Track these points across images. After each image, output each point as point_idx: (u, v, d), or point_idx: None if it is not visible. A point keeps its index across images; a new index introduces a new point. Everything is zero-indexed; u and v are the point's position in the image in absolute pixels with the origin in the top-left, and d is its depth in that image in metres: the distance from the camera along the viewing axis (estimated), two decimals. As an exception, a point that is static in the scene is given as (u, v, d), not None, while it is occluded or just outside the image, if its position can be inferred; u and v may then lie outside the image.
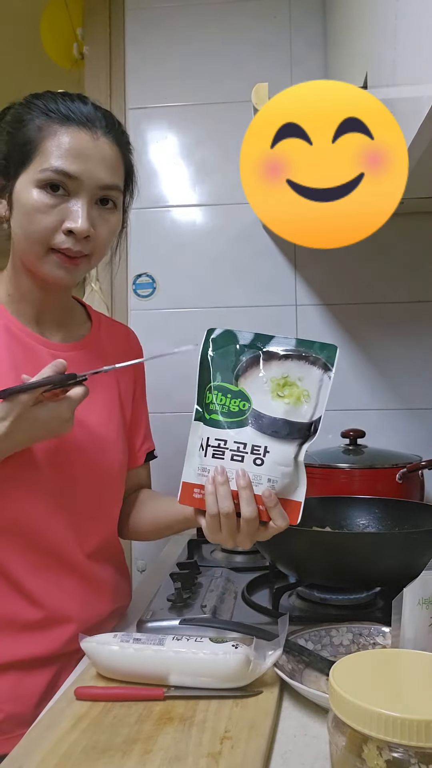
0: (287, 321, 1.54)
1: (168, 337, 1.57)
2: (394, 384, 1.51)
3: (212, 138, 1.58)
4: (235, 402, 0.72)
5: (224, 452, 0.71)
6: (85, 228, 0.78)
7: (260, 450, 0.70)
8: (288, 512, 0.72)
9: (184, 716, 0.64)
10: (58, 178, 0.77)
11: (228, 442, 0.71)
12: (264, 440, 0.70)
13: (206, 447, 0.72)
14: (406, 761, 0.41)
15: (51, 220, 0.78)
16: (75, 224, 0.78)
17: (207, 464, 0.72)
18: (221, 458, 0.71)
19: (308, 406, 0.71)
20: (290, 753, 0.58)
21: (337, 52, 1.37)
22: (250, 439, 0.70)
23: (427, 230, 1.50)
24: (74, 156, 0.78)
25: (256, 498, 0.70)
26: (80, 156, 0.78)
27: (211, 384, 0.73)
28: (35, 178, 0.78)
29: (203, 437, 0.72)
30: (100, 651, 0.70)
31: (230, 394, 0.72)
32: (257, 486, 0.70)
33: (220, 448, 0.71)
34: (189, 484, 0.73)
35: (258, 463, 0.70)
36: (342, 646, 0.76)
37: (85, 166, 0.78)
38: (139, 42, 1.62)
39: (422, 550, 0.82)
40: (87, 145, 0.79)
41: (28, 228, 0.79)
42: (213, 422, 0.72)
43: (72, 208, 0.78)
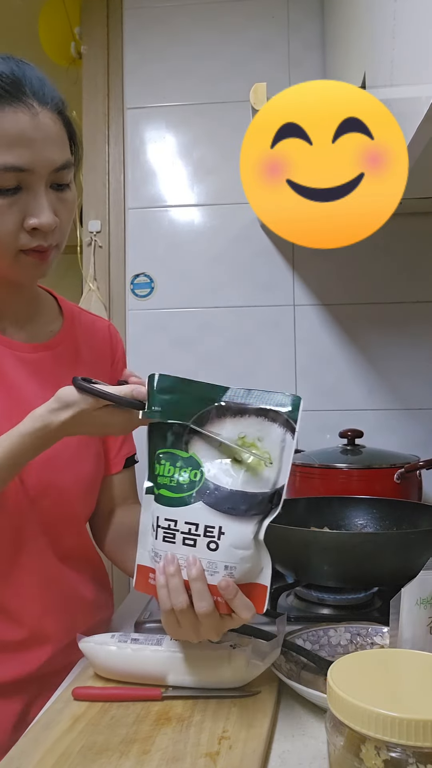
0: (285, 321, 1.54)
1: (166, 338, 1.57)
2: (393, 384, 1.51)
3: (210, 138, 1.58)
4: (184, 472, 0.60)
5: (175, 535, 0.59)
6: (52, 221, 0.69)
7: (214, 532, 0.59)
8: (253, 599, 0.60)
9: (182, 716, 0.64)
10: (6, 176, 0.66)
11: (178, 523, 0.59)
12: (218, 519, 0.59)
13: (156, 527, 0.61)
14: (404, 761, 0.41)
15: (11, 221, 0.68)
16: (39, 219, 0.69)
17: (158, 548, 0.61)
18: (172, 542, 0.60)
19: (270, 472, 0.60)
20: (288, 753, 0.58)
21: (336, 52, 1.37)
22: (202, 519, 0.59)
23: (425, 230, 1.50)
24: (18, 144, 0.66)
25: (212, 589, 0.59)
26: (26, 142, 0.66)
27: (160, 451, 0.62)
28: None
29: (155, 515, 0.61)
30: (98, 651, 0.70)
31: (180, 462, 0.60)
32: (213, 575, 0.59)
33: (170, 530, 0.60)
34: (144, 567, 0.63)
35: (212, 547, 0.59)
36: (340, 646, 0.76)
37: (33, 154, 0.67)
38: (137, 41, 1.61)
39: (420, 550, 0.82)
40: (27, 127, 0.66)
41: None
42: (162, 498, 0.60)
43: (31, 203, 0.69)
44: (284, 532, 0.90)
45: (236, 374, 1.54)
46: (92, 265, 1.60)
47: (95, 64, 1.63)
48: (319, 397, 1.53)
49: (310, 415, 1.52)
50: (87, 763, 0.56)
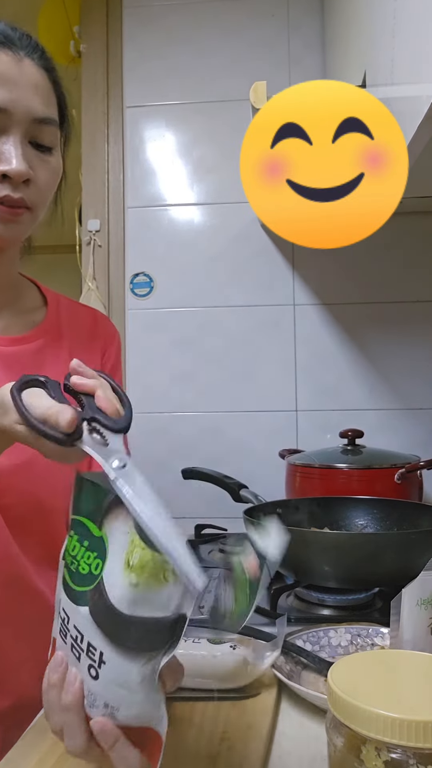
0: (285, 320, 1.54)
1: (166, 337, 1.57)
2: (393, 384, 1.51)
3: (210, 136, 1.58)
4: (89, 559, 0.42)
5: (66, 635, 0.44)
6: (23, 168, 0.64)
7: (95, 655, 0.42)
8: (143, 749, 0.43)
9: (181, 717, 0.63)
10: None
11: (70, 622, 0.44)
12: (101, 641, 0.42)
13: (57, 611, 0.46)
14: (405, 762, 0.41)
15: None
16: (9, 166, 0.63)
17: (58, 638, 0.46)
18: (65, 641, 0.44)
19: (171, 590, 0.41)
20: (288, 754, 0.58)
21: (336, 50, 1.37)
22: (86, 632, 0.42)
23: (425, 229, 1.50)
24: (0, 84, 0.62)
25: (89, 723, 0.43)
26: (4, 82, 0.63)
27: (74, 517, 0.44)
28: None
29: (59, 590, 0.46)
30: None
31: (88, 543, 0.43)
32: (91, 708, 0.43)
33: (65, 626, 0.44)
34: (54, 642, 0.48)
35: (93, 674, 0.42)
36: (340, 647, 0.76)
37: (11, 95, 0.63)
38: (136, 40, 1.61)
39: (421, 551, 0.82)
40: (11, 68, 0.63)
41: None
42: (64, 581, 0.45)
43: (2, 148, 0.64)
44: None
45: (236, 374, 1.54)
46: (91, 264, 1.60)
47: (95, 62, 1.63)
48: (319, 396, 1.53)
49: (311, 414, 1.52)
50: (86, 765, 0.56)
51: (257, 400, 1.52)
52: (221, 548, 1.23)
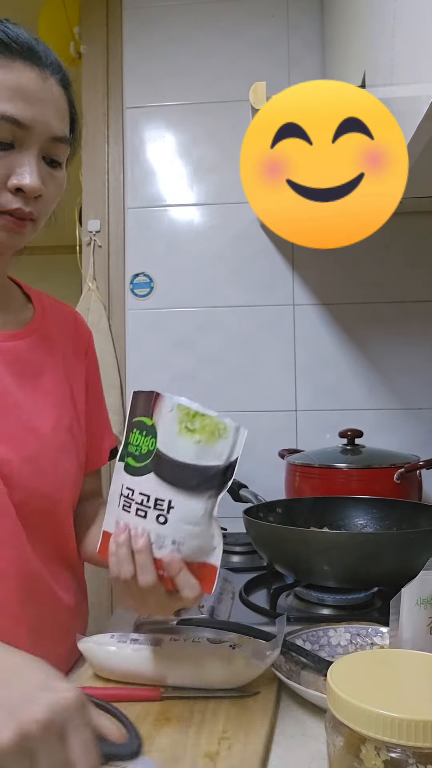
0: (285, 321, 1.54)
1: (166, 338, 1.57)
2: (393, 384, 1.51)
3: (210, 137, 1.58)
4: (147, 441, 0.58)
5: (131, 504, 0.59)
6: (38, 185, 0.66)
7: (163, 505, 0.57)
8: (201, 578, 0.58)
9: (181, 717, 0.63)
10: (5, 127, 0.64)
11: (134, 493, 0.58)
12: (168, 492, 0.57)
13: (119, 495, 0.60)
14: (404, 761, 0.41)
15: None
16: (25, 181, 0.65)
17: (119, 517, 0.60)
18: (128, 511, 0.59)
19: (224, 444, 0.56)
20: (288, 753, 0.58)
21: (335, 51, 1.37)
22: (153, 491, 0.57)
23: (424, 229, 1.50)
24: (23, 99, 0.64)
25: (158, 563, 0.57)
26: (30, 99, 0.65)
27: (134, 419, 0.60)
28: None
29: (120, 483, 0.61)
30: (97, 651, 0.70)
31: (145, 431, 0.59)
32: (160, 549, 0.57)
33: (128, 499, 0.59)
34: (107, 534, 0.62)
35: (161, 521, 0.57)
36: (340, 646, 0.76)
37: (36, 113, 0.65)
38: (136, 41, 1.61)
39: (420, 550, 0.82)
40: (37, 86, 0.65)
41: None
42: (127, 466, 0.60)
43: (20, 161, 0.66)
44: (284, 532, 0.90)
45: (236, 374, 1.54)
46: (91, 264, 1.60)
47: (95, 63, 1.63)
48: (319, 396, 1.53)
49: (310, 414, 1.53)
50: (86, 764, 0.56)
51: (257, 400, 1.53)
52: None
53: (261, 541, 0.94)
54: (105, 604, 1.54)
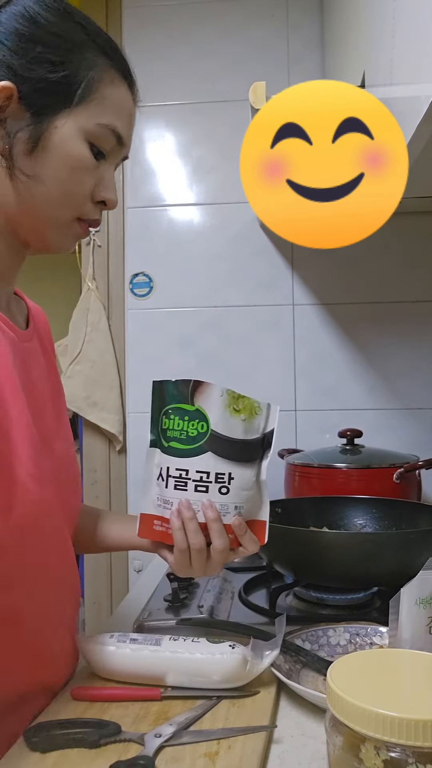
0: (284, 320, 1.54)
1: (165, 337, 1.57)
2: (392, 384, 1.51)
3: (209, 137, 1.58)
4: (193, 425, 0.66)
5: (186, 483, 0.67)
6: (117, 200, 0.70)
7: (224, 478, 0.67)
8: (255, 533, 0.70)
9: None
10: (110, 140, 0.66)
11: (190, 472, 0.67)
12: (226, 466, 0.67)
13: (166, 477, 0.68)
14: (404, 761, 0.41)
15: (90, 184, 0.66)
16: (111, 195, 0.68)
17: (169, 496, 0.68)
18: (184, 489, 0.67)
19: (260, 419, 0.69)
20: (287, 753, 0.58)
21: (335, 51, 1.37)
22: (212, 467, 0.67)
23: (424, 229, 1.50)
24: (127, 118, 0.68)
25: (227, 528, 0.68)
26: (129, 121, 0.69)
27: (168, 407, 0.68)
28: (87, 128, 0.64)
29: (161, 466, 0.68)
30: (96, 651, 0.70)
31: (188, 416, 0.67)
32: (224, 516, 0.67)
33: (182, 479, 0.67)
34: (149, 515, 0.70)
35: (223, 491, 0.67)
36: (339, 646, 0.76)
37: (129, 134, 0.70)
38: (135, 40, 1.61)
39: (419, 550, 0.82)
40: (132, 110, 0.70)
41: (69, 187, 0.64)
42: (172, 450, 0.67)
43: (107, 175, 0.68)
44: (284, 532, 0.90)
45: (235, 373, 1.54)
46: (91, 264, 1.60)
47: (94, 63, 1.63)
48: (319, 396, 1.53)
49: (309, 414, 1.53)
50: (86, 763, 0.56)
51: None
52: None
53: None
54: (105, 605, 1.54)
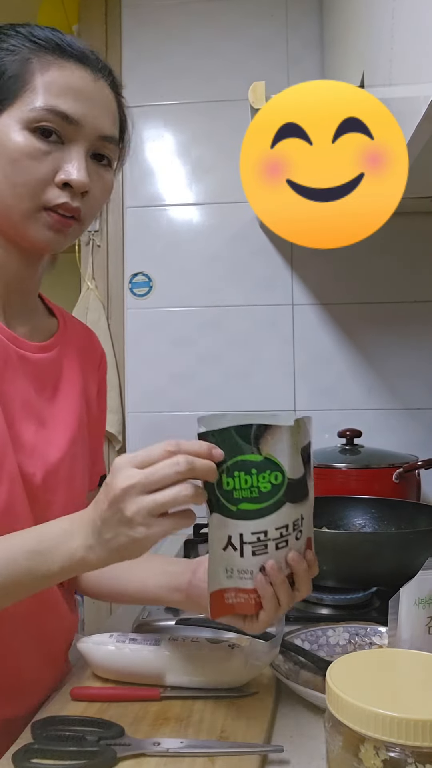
0: (284, 320, 1.54)
1: (164, 337, 1.57)
2: (391, 384, 1.51)
3: (209, 136, 1.58)
4: (264, 478, 0.55)
5: (267, 545, 0.56)
6: (85, 180, 0.66)
7: (299, 522, 0.58)
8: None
9: (180, 716, 0.64)
10: (54, 120, 0.64)
11: (269, 533, 0.56)
12: (299, 509, 0.57)
13: (240, 545, 0.56)
14: (403, 761, 0.41)
15: (43, 170, 0.65)
16: (72, 175, 0.65)
17: (246, 566, 0.57)
18: (264, 553, 0.56)
19: (303, 436, 0.59)
20: (286, 753, 0.58)
21: (334, 50, 1.37)
22: (290, 518, 0.57)
23: (423, 230, 1.50)
24: (74, 95, 0.65)
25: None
26: (80, 96, 0.66)
27: (227, 464, 0.55)
28: (23, 117, 0.64)
29: (230, 534, 0.56)
30: (96, 651, 0.70)
31: (255, 469, 0.55)
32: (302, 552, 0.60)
33: (260, 542, 0.56)
34: (220, 592, 0.58)
35: (298, 536, 0.58)
36: (338, 646, 0.76)
37: (85, 110, 0.66)
38: (135, 40, 1.61)
39: (419, 550, 0.82)
40: (88, 84, 0.67)
41: (15, 178, 0.64)
42: (243, 513, 0.55)
43: (68, 157, 0.66)
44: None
45: (234, 373, 1.54)
46: (90, 264, 1.60)
47: (93, 62, 1.63)
48: (318, 396, 1.53)
49: (309, 414, 1.52)
50: (85, 764, 0.56)
51: (256, 399, 1.52)
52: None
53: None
54: (104, 605, 1.54)
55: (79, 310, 1.58)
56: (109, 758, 0.56)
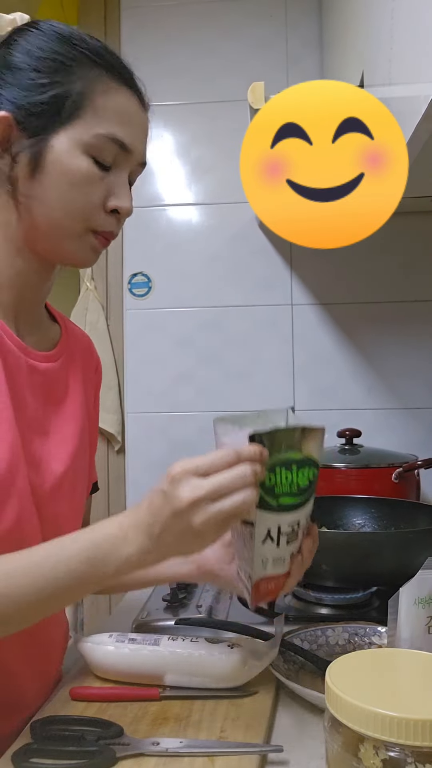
0: (283, 320, 1.54)
1: (164, 337, 1.57)
2: (391, 383, 1.51)
3: (208, 137, 1.58)
4: (303, 474, 0.59)
5: (298, 534, 0.61)
6: (131, 207, 0.69)
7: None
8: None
9: (179, 716, 0.63)
10: (113, 148, 0.66)
11: (301, 523, 0.61)
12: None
13: (277, 536, 0.60)
14: (403, 760, 0.41)
15: (98, 196, 0.67)
16: (124, 203, 0.68)
17: (281, 554, 0.61)
18: (296, 540, 0.62)
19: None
20: (286, 753, 0.58)
21: (334, 50, 1.37)
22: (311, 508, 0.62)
23: (422, 229, 1.50)
24: (128, 123, 0.67)
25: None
26: (133, 124, 0.68)
27: (270, 462, 0.57)
28: (84, 140, 0.64)
29: (269, 527, 0.59)
30: (95, 651, 0.70)
31: (295, 465, 0.58)
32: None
33: (294, 532, 0.61)
34: (258, 582, 0.62)
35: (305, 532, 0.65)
36: (338, 645, 0.76)
37: (135, 138, 0.68)
38: (134, 40, 1.61)
39: (418, 550, 0.82)
40: (138, 112, 0.69)
41: (72, 201, 0.65)
42: (283, 507, 0.59)
43: (118, 183, 0.68)
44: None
45: (234, 373, 1.54)
46: (90, 264, 1.60)
47: (93, 62, 1.63)
48: (317, 396, 1.53)
49: (308, 414, 1.52)
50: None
51: (255, 399, 1.52)
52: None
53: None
54: (103, 606, 1.54)
55: (78, 310, 1.58)
56: (109, 758, 0.55)
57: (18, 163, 0.65)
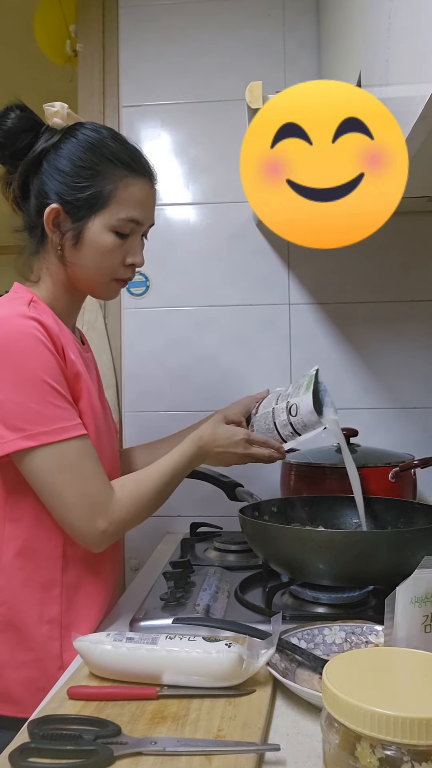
0: (280, 320, 1.55)
1: (161, 336, 1.57)
2: (387, 383, 1.52)
3: (206, 136, 1.58)
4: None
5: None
6: (143, 261, 0.97)
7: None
8: None
9: (177, 715, 0.64)
10: (130, 225, 0.93)
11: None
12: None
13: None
14: (399, 759, 0.41)
15: (119, 258, 0.94)
16: (138, 259, 0.96)
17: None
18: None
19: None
20: (283, 751, 0.58)
21: (331, 50, 1.37)
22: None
23: (420, 229, 1.50)
24: (142, 205, 0.95)
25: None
26: (146, 205, 0.96)
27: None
28: (110, 223, 0.92)
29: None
30: (92, 650, 0.70)
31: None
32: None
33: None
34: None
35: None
36: (335, 644, 0.76)
37: (146, 213, 0.96)
38: (132, 39, 1.61)
39: (415, 549, 0.82)
40: (149, 195, 0.97)
41: (101, 264, 0.94)
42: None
43: (133, 245, 0.96)
44: (279, 530, 0.90)
45: (231, 373, 1.54)
46: (87, 263, 1.60)
47: (91, 62, 1.62)
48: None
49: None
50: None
51: (252, 399, 1.52)
52: (216, 546, 1.24)
53: (256, 539, 0.95)
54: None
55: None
56: (106, 757, 0.56)
57: (65, 237, 0.92)
